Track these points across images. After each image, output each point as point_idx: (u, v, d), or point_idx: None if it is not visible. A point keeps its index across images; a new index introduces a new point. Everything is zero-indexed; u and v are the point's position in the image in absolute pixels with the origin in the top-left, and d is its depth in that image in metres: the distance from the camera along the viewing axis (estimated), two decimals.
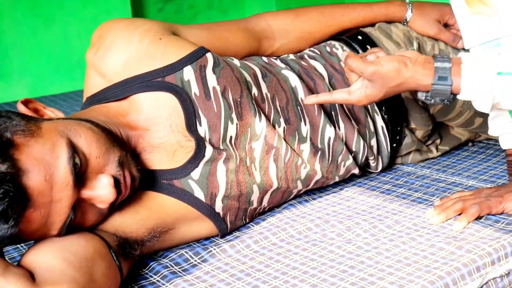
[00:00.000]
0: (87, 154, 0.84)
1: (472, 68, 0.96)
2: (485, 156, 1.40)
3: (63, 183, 0.79)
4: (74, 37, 2.58)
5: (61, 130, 0.83)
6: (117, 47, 1.03)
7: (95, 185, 0.84)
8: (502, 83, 0.95)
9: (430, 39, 1.32)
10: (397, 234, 1.05)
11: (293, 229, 1.09)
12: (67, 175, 0.80)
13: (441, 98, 0.99)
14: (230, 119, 1.02)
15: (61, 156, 0.80)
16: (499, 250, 0.98)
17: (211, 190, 1.01)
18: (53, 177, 0.79)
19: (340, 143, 1.17)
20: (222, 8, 3.19)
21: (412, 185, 1.26)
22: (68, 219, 0.82)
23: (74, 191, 0.81)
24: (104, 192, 0.84)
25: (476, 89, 0.96)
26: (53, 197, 0.79)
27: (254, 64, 1.14)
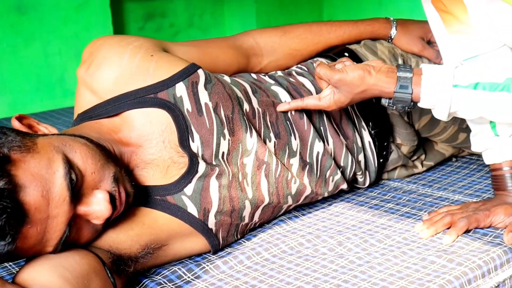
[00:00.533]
0: (83, 170, 0.84)
1: (431, 80, 1.01)
2: (469, 171, 1.43)
3: (59, 199, 0.79)
4: (55, 54, 2.56)
5: (57, 146, 0.83)
6: (109, 63, 1.03)
7: (91, 200, 0.84)
8: (457, 95, 1.00)
9: (414, 56, 1.35)
10: (388, 248, 1.06)
11: (285, 245, 1.09)
12: (64, 190, 0.79)
13: (402, 105, 1.05)
14: (222, 135, 1.03)
15: (58, 171, 0.80)
16: (488, 263, 0.99)
17: (204, 205, 1.01)
18: (50, 193, 0.78)
19: (329, 158, 1.18)
20: (203, 26, 3.21)
21: (400, 200, 1.28)
22: (64, 235, 0.81)
23: (70, 206, 0.81)
24: (99, 208, 0.84)
25: (434, 99, 1.02)
26: (50, 213, 0.78)
27: (243, 81, 1.15)
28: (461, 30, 1.08)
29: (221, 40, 1.24)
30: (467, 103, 1.00)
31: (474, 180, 1.37)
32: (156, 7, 3.01)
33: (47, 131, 0.92)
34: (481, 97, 0.99)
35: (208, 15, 3.22)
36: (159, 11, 3.03)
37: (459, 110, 1.02)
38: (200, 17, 3.19)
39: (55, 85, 2.57)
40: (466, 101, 1.00)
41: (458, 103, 1.01)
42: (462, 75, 1.00)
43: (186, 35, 3.15)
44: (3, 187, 0.73)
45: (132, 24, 2.93)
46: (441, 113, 1.03)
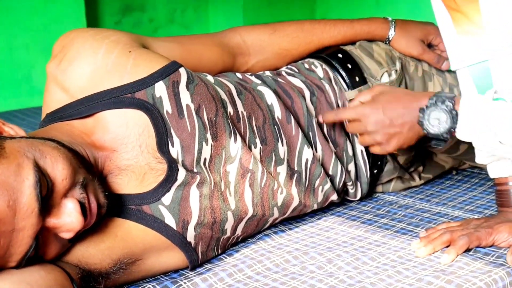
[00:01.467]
0: (53, 177, 0.83)
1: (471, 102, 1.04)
2: (470, 185, 1.44)
3: (27, 210, 0.78)
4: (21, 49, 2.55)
5: (27, 151, 0.82)
6: (82, 59, 1.02)
7: (61, 211, 0.83)
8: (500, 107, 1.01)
9: (413, 60, 1.36)
10: (381, 267, 1.06)
11: (269, 261, 1.09)
12: (33, 201, 0.79)
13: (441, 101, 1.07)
14: (204, 140, 1.03)
15: (27, 180, 0.79)
16: (490, 285, 1.00)
17: (183, 217, 1.00)
18: (17, 203, 0.77)
19: (318, 166, 1.19)
20: (185, 22, 3.22)
21: (395, 215, 1.29)
22: (29, 250, 0.80)
23: (39, 219, 0.80)
24: (70, 220, 0.83)
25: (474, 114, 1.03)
26: (15, 226, 0.78)
27: (228, 81, 1.16)
28: (471, 31, 1.10)
29: (205, 37, 1.24)
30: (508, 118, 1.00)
31: (476, 195, 1.38)
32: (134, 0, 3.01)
33: (14, 133, 0.91)
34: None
35: (190, 11, 3.23)
36: (138, 4, 3.03)
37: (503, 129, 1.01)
38: (182, 13, 3.20)
39: (20, 82, 2.56)
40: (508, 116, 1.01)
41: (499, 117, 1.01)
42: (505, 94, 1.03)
43: (166, 31, 3.15)
44: None
45: (107, 17, 2.92)
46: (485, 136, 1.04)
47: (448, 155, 1.42)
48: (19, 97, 2.57)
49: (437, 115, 1.07)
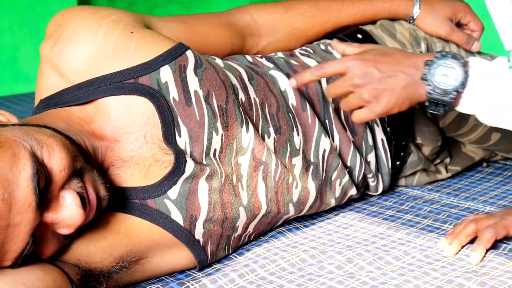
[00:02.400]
0: (50, 168, 0.84)
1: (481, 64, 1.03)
2: (503, 178, 1.46)
3: (24, 204, 0.79)
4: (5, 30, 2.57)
5: (23, 139, 0.83)
6: (80, 40, 1.03)
7: (60, 205, 0.85)
8: None
9: (440, 40, 1.37)
10: (407, 268, 1.07)
11: (284, 261, 1.11)
12: (30, 194, 0.80)
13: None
14: (215, 129, 1.04)
15: (24, 171, 0.80)
16: None
17: (191, 212, 1.02)
18: (13, 197, 0.79)
19: (336, 157, 1.20)
20: (185, 1, 3.23)
21: (420, 211, 1.30)
22: (26, 247, 0.81)
23: (37, 213, 0.81)
24: (70, 214, 0.84)
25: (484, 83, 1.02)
26: (11, 221, 0.79)
27: (238, 65, 1.17)
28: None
29: (212, 17, 1.25)
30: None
31: (509, 189, 1.40)
32: None
33: (6, 120, 0.93)
34: None
35: None
36: None
37: None
38: None
39: (4, 67, 2.58)
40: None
41: None
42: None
43: (164, 11, 3.17)
44: None
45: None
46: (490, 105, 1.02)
47: (478, 145, 1.43)
48: (3, 83, 2.59)
49: (446, 71, 1.03)
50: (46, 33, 1.09)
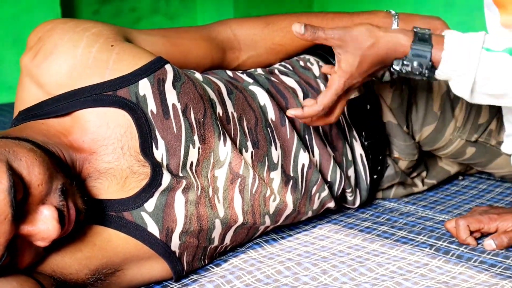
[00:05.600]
0: (28, 181, 0.85)
1: (456, 41, 1.05)
2: (477, 191, 1.48)
3: (0, 217, 0.80)
4: None
5: (0, 152, 0.84)
6: (60, 52, 1.04)
7: (36, 218, 0.85)
8: (489, 58, 1.02)
9: None
10: (380, 279, 1.09)
11: (260, 272, 1.12)
12: (6, 207, 0.81)
13: (419, 63, 1.07)
14: (191, 142, 1.05)
15: (1, 184, 0.81)
16: None
17: (167, 224, 1.03)
18: None
19: (315, 172, 1.21)
20: (170, 13, 3.24)
21: (396, 223, 1.32)
22: (1, 259, 0.82)
23: (12, 226, 0.82)
24: (46, 227, 0.85)
25: (458, 61, 1.04)
26: None
27: (217, 79, 1.18)
28: None
29: (193, 30, 1.27)
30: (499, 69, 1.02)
31: (484, 203, 1.42)
32: None
33: None
34: None
35: (176, 0, 3.26)
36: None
37: (487, 78, 1.03)
38: (167, 2, 3.22)
39: None
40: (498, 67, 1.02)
41: (488, 69, 1.02)
42: (494, 41, 1.04)
43: (149, 22, 3.17)
44: None
45: (84, 7, 2.94)
46: (463, 82, 1.05)
47: (453, 159, 1.45)
48: None
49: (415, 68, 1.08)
50: (27, 45, 1.10)
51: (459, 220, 1.21)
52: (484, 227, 1.21)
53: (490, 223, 1.21)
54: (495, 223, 1.21)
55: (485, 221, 1.21)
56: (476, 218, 1.21)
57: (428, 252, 1.19)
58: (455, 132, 1.38)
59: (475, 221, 1.21)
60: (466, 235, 1.20)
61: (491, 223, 1.21)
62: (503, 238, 1.18)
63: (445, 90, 1.38)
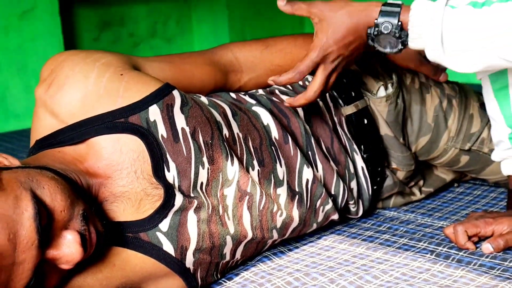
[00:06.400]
0: (51, 208, 0.88)
1: (420, 2, 1.09)
2: (473, 197, 1.51)
3: (27, 243, 0.83)
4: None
5: (24, 182, 0.87)
6: (72, 84, 1.07)
7: (61, 243, 0.88)
8: (452, 14, 1.06)
9: (410, 71, 1.43)
10: (385, 285, 1.12)
11: (270, 284, 1.14)
12: (33, 233, 0.83)
13: (389, 24, 1.10)
14: (201, 163, 1.08)
15: (26, 211, 0.84)
16: None
17: (182, 243, 1.05)
18: (17, 236, 0.82)
19: (319, 186, 1.24)
20: (167, 36, 3.28)
21: (397, 231, 1.35)
22: (30, 283, 0.85)
23: (39, 251, 0.85)
24: (69, 251, 0.88)
25: (424, 21, 1.07)
26: (16, 259, 0.82)
27: (222, 101, 1.21)
28: None
29: (196, 55, 1.29)
30: (462, 23, 1.05)
31: (479, 208, 1.45)
32: (113, 14, 3.06)
33: (8, 163, 0.96)
34: (479, 15, 1.04)
35: (173, 23, 3.29)
36: (116, 19, 3.08)
37: (454, 32, 1.06)
38: (164, 25, 3.25)
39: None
40: (462, 21, 1.05)
41: (453, 24, 1.05)
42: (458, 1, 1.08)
43: (147, 46, 3.20)
44: None
45: (85, 34, 2.97)
46: (433, 40, 1.07)
47: (448, 167, 1.48)
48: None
49: (387, 39, 1.12)
50: (40, 77, 1.12)
51: (457, 226, 1.24)
52: (481, 231, 1.23)
53: (486, 227, 1.24)
54: (491, 227, 1.24)
55: (482, 226, 1.24)
56: (473, 223, 1.24)
57: (430, 257, 1.21)
58: (449, 142, 1.41)
59: (472, 226, 1.23)
60: (465, 240, 1.23)
61: (487, 227, 1.24)
62: (499, 241, 1.21)
63: (437, 102, 1.41)
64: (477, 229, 1.23)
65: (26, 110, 2.65)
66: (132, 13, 3.15)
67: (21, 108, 2.65)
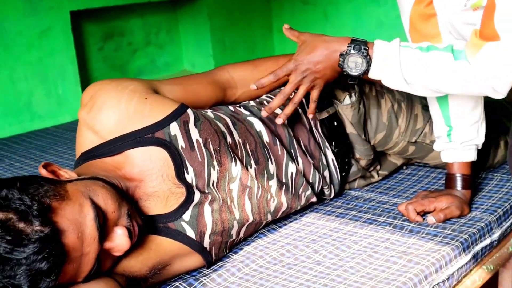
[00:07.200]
0: (105, 210, 0.97)
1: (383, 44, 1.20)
2: (418, 177, 1.61)
3: (91, 239, 0.92)
4: (21, 80, 2.61)
5: (84, 191, 0.96)
6: (109, 107, 1.14)
7: (113, 237, 0.97)
8: (406, 52, 1.18)
9: (368, 82, 1.51)
10: (357, 253, 1.22)
11: (268, 256, 1.24)
12: (94, 231, 0.93)
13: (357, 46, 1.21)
14: (212, 166, 1.17)
15: (88, 215, 0.93)
16: (440, 260, 1.18)
17: (200, 229, 1.15)
18: (83, 234, 0.91)
19: (301, 177, 1.34)
20: (159, 43, 3.32)
21: (362, 207, 1.45)
22: (93, 268, 0.94)
23: (99, 244, 0.94)
24: (121, 242, 0.97)
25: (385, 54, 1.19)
26: (83, 251, 0.91)
27: (223, 114, 1.29)
28: None
29: (200, 77, 1.37)
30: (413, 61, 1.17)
31: (423, 186, 1.55)
32: (114, 27, 3.10)
33: (68, 176, 1.04)
34: (425, 57, 1.16)
35: (164, 33, 3.33)
36: (117, 31, 3.11)
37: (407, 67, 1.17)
38: (156, 35, 3.29)
39: (22, 110, 2.62)
40: (412, 60, 1.17)
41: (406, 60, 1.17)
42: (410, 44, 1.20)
43: (144, 53, 3.25)
44: (48, 233, 0.85)
45: (92, 46, 3.00)
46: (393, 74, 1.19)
47: (399, 155, 1.59)
48: (22, 123, 2.63)
49: (355, 60, 1.22)
50: (82, 102, 1.19)
51: (408, 205, 1.35)
52: (426, 208, 1.34)
53: (430, 205, 1.34)
54: (433, 204, 1.34)
55: (426, 204, 1.34)
56: (420, 203, 1.35)
57: (388, 229, 1.31)
58: (399, 136, 1.51)
59: (419, 205, 1.34)
60: (414, 215, 1.34)
61: (431, 204, 1.34)
62: (440, 214, 1.33)
63: (390, 106, 1.49)
64: (423, 207, 1.34)
65: (48, 112, 2.69)
66: (129, 25, 3.18)
67: (44, 110, 2.69)
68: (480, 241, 1.30)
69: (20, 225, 0.85)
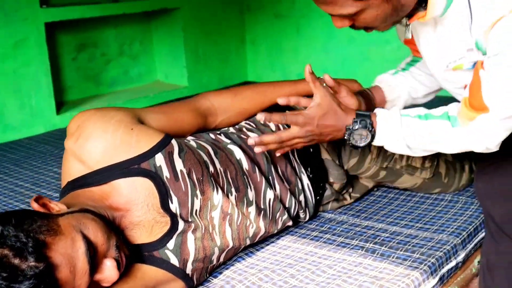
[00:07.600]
0: (95, 243, 1.01)
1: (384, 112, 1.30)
2: (388, 200, 1.68)
3: (82, 272, 0.96)
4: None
5: (75, 225, 0.99)
6: (96, 137, 1.17)
7: (103, 268, 1.01)
8: (406, 120, 1.28)
9: None
10: (331, 278, 1.28)
11: (247, 281, 1.29)
12: (85, 265, 0.97)
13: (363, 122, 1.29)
14: (195, 196, 1.22)
15: (80, 249, 0.97)
16: (410, 285, 1.25)
17: (184, 256, 1.20)
18: (75, 268, 0.95)
19: (278, 202, 1.40)
20: (133, 54, 3.33)
21: (335, 230, 1.51)
22: None
23: (90, 277, 0.98)
24: (110, 274, 1.01)
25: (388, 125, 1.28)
26: (75, 284, 0.95)
27: (205, 142, 1.34)
28: None
29: (183, 105, 1.41)
30: (414, 131, 1.27)
31: (393, 209, 1.62)
32: (87, 38, 3.10)
33: (58, 209, 1.07)
34: (424, 126, 1.26)
35: (137, 44, 3.34)
36: (91, 41, 3.12)
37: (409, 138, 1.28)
38: (130, 46, 3.31)
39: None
40: (413, 130, 1.27)
41: (408, 128, 1.27)
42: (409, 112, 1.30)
43: (117, 63, 3.26)
44: (43, 269, 0.89)
45: (66, 56, 3.00)
46: (396, 144, 1.29)
47: (371, 179, 1.66)
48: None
49: (360, 133, 1.31)
50: (68, 131, 1.22)
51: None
52: None
53: None
54: None
55: None
56: None
57: (361, 253, 1.37)
58: (372, 162, 1.58)
59: None
60: None
61: None
62: None
63: None
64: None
65: (21, 123, 2.68)
66: (103, 36, 3.18)
67: (16, 121, 2.68)
68: (446, 263, 1.37)
69: (15, 261, 0.88)
